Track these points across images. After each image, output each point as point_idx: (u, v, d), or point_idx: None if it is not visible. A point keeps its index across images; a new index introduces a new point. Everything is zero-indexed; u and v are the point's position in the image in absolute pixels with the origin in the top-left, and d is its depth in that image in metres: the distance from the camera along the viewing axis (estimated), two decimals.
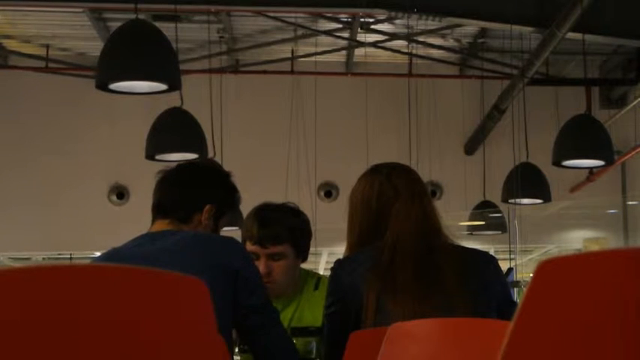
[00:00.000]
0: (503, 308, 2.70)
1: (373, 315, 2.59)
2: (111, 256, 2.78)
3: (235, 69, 11.33)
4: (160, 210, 2.90)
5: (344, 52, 11.26)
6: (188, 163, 3.12)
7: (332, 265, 2.90)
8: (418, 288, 2.61)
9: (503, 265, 11.53)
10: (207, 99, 8.66)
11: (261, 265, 3.31)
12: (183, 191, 2.91)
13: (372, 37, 10.49)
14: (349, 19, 10.02)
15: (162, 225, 2.86)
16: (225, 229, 8.99)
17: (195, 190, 2.92)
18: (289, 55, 10.98)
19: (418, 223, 2.72)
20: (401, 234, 2.69)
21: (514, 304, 2.79)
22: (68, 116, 11.45)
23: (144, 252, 2.70)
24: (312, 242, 3.50)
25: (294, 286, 3.45)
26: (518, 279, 10.60)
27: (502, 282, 2.81)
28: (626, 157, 10.62)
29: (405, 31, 10.05)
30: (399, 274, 2.62)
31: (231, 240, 2.82)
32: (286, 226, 3.35)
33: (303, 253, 3.43)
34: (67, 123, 11.45)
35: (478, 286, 2.66)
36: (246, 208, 3.69)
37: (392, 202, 2.75)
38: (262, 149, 11.42)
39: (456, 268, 2.66)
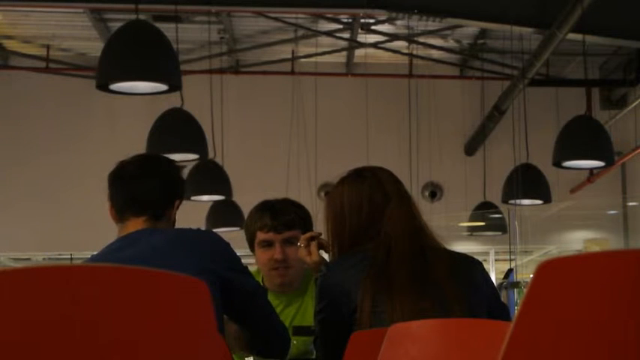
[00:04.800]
0: (494, 310, 2.71)
1: (369, 316, 2.59)
2: (94, 262, 2.71)
3: (236, 69, 11.34)
4: (134, 206, 2.76)
5: (344, 53, 11.26)
6: (143, 157, 2.90)
7: None
8: (414, 288, 2.62)
9: (504, 266, 11.55)
10: (208, 99, 8.66)
11: (276, 252, 3.38)
12: (160, 186, 2.79)
13: (372, 38, 10.49)
14: (350, 20, 10.02)
15: (137, 224, 2.74)
16: (225, 229, 8.92)
17: (169, 185, 2.82)
18: (290, 56, 10.99)
19: (409, 224, 2.75)
20: (395, 235, 2.71)
21: (504, 306, 2.82)
22: (69, 116, 11.45)
23: (128, 256, 2.61)
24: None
25: (299, 282, 3.48)
26: (518, 280, 10.59)
27: (490, 284, 2.84)
28: (626, 158, 10.62)
29: (406, 31, 10.06)
30: (395, 275, 2.63)
31: (214, 235, 2.82)
32: (296, 214, 3.45)
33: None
34: (68, 123, 11.46)
35: (469, 287, 2.68)
36: (246, 208, 3.68)
37: (384, 205, 2.77)
38: (262, 150, 11.43)
39: (448, 268, 2.68)
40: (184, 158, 6.29)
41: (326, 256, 3.03)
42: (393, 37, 10.38)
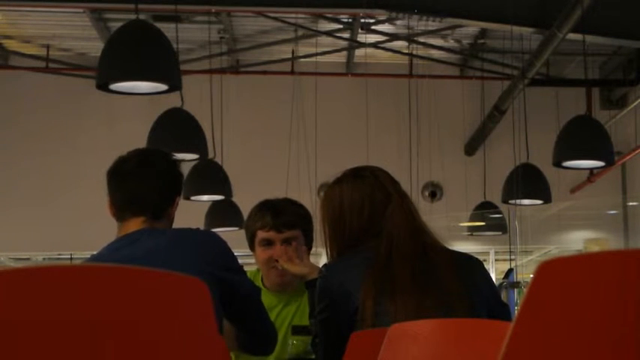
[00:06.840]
0: (494, 309, 2.71)
1: (371, 316, 2.58)
2: (94, 262, 2.71)
3: (236, 69, 11.34)
4: (133, 207, 2.72)
5: (344, 53, 11.26)
6: (142, 153, 2.82)
7: None
8: (416, 287, 2.62)
9: (504, 266, 11.55)
10: (208, 99, 8.66)
11: (276, 251, 3.39)
12: (160, 185, 2.75)
13: (372, 38, 10.49)
14: (350, 20, 10.02)
15: (136, 223, 2.72)
16: (224, 229, 8.91)
17: (169, 182, 2.78)
18: (290, 56, 10.99)
19: (410, 223, 2.74)
20: (397, 234, 2.70)
21: (504, 305, 2.82)
22: (68, 116, 11.45)
23: (127, 256, 2.61)
24: (312, 243, 3.54)
25: (299, 282, 3.48)
26: (518, 280, 10.59)
27: (490, 284, 2.84)
28: (626, 158, 10.62)
29: (406, 31, 10.06)
30: (398, 274, 2.63)
31: (213, 235, 2.82)
32: (296, 214, 3.47)
33: (309, 242, 3.49)
34: (67, 123, 11.46)
35: (471, 287, 2.68)
36: (246, 208, 3.68)
37: (385, 204, 2.76)
38: (262, 150, 11.43)
39: (450, 267, 2.68)
40: (184, 158, 6.29)
41: (324, 257, 3.03)
42: (393, 37, 10.38)
